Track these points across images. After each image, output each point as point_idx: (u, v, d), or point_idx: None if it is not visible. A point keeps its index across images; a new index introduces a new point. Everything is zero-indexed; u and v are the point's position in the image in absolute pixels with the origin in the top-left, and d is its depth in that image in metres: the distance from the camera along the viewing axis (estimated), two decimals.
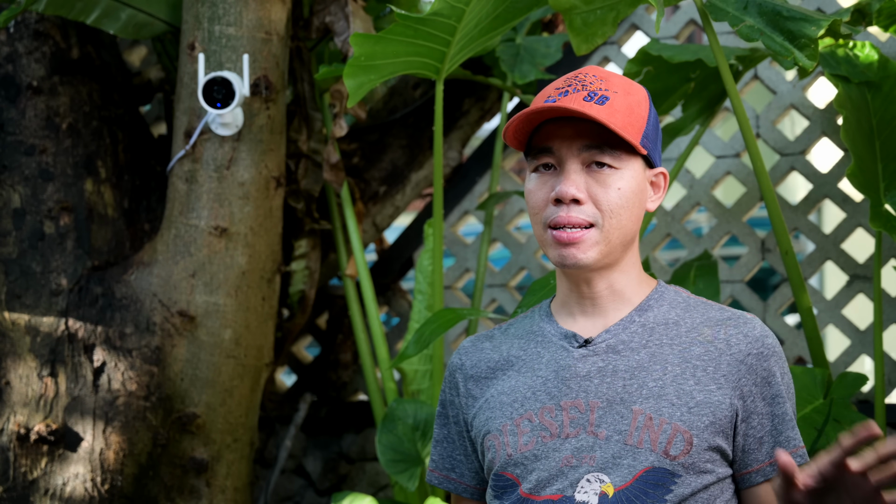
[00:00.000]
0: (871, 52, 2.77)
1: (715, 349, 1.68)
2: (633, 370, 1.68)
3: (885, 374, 2.99)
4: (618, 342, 1.70)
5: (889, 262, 3.14)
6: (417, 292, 3.06)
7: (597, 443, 1.65)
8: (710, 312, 1.73)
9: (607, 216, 1.68)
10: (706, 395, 1.65)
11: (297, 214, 3.20)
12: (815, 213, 5.03)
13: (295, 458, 3.59)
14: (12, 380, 2.86)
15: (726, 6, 2.48)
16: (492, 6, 2.62)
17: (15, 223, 2.93)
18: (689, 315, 1.73)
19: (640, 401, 1.65)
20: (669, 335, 1.70)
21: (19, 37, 3.00)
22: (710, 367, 1.67)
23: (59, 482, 2.81)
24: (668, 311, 1.73)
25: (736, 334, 1.69)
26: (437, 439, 1.86)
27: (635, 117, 1.69)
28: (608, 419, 1.66)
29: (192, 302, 2.87)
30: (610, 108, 1.66)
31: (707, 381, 1.66)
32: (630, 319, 1.72)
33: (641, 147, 1.69)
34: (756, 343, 1.69)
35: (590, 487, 1.64)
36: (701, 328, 1.70)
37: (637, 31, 3.49)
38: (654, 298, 1.74)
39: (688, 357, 1.68)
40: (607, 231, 1.68)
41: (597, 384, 1.68)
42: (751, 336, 1.69)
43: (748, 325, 1.70)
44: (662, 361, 1.68)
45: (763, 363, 1.68)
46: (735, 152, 3.33)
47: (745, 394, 1.67)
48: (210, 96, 2.78)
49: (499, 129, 3.38)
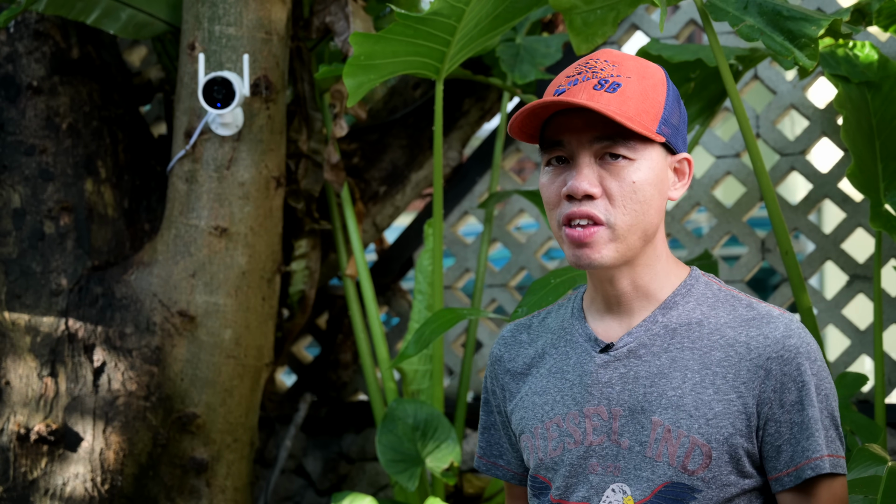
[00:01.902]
0: (871, 52, 2.77)
1: (735, 353, 1.60)
2: (654, 377, 1.61)
3: (885, 374, 2.99)
4: (639, 346, 1.63)
5: (889, 262, 3.13)
6: (417, 292, 3.06)
7: (620, 452, 1.61)
8: (737, 310, 1.63)
9: (621, 211, 1.59)
10: (725, 406, 1.58)
11: (297, 214, 3.20)
12: (815, 213, 5.03)
13: (295, 458, 3.59)
14: (12, 380, 2.86)
15: (726, 6, 2.48)
16: (492, 6, 2.62)
17: (15, 223, 2.93)
18: (715, 313, 1.63)
19: (660, 411, 1.59)
20: (691, 337, 1.62)
21: (19, 37, 3.00)
22: (729, 373, 1.59)
23: (59, 482, 2.81)
24: (693, 308, 1.64)
25: (756, 336, 1.60)
26: (483, 426, 1.82)
27: (651, 102, 1.60)
28: (630, 428, 1.61)
29: (192, 302, 2.87)
30: (621, 96, 1.58)
31: (727, 390, 1.59)
32: (653, 320, 1.64)
33: (658, 135, 1.59)
34: (776, 346, 1.59)
35: (614, 498, 1.61)
36: (724, 329, 1.61)
37: (637, 31, 3.49)
38: (682, 294, 1.65)
39: (708, 363, 1.60)
40: (622, 228, 1.59)
41: (618, 391, 1.63)
42: (771, 338, 1.59)
43: (770, 326, 1.60)
44: (682, 367, 1.60)
45: (784, 367, 1.58)
46: (735, 152, 3.33)
47: (764, 400, 1.58)
48: (210, 96, 2.78)
49: (499, 129, 3.38)
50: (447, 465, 2.78)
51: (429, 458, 2.81)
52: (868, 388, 3.10)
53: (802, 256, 3.35)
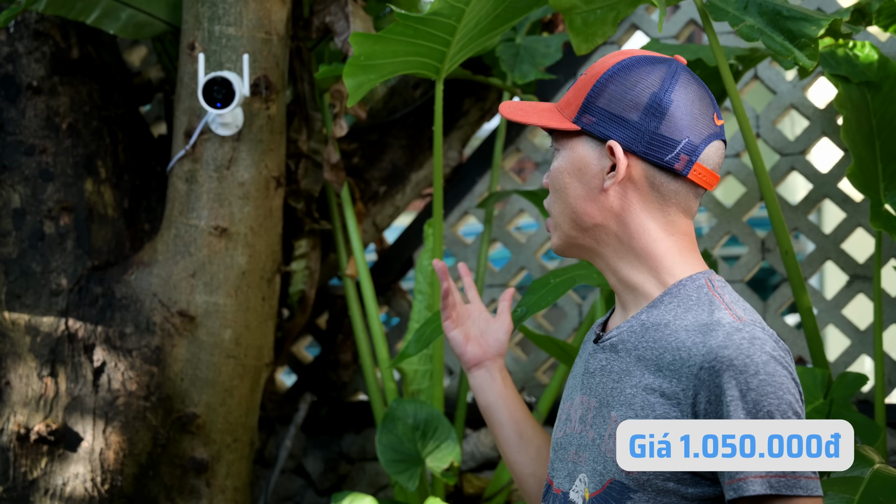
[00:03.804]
0: (871, 52, 2.77)
1: (679, 359, 1.54)
2: (622, 373, 1.61)
3: (885, 374, 2.99)
4: (618, 341, 1.64)
5: (889, 262, 3.13)
6: (417, 292, 3.06)
7: (588, 443, 1.64)
8: (701, 314, 1.57)
9: (551, 199, 1.69)
10: (666, 410, 1.54)
11: (297, 214, 3.20)
12: (815, 213, 5.03)
13: (295, 458, 3.59)
14: (12, 380, 2.86)
15: (726, 6, 2.48)
16: (492, 6, 2.62)
17: (15, 223, 2.93)
18: (685, 315, 1.58)
19: (617, 406, 1.59)
20: (655, 337, 1.58)
21: (19, 37, 3.00)
22: (674, 378, 1.54)
23: (59, 482, 2.81)
24: (672, 308, 1.59)
25: (698, 343, 1.53)
26: None
27: (578, 93, 1.64)
28: (597, 421, 1.63)
29: (192, 302, 2.87)
30: (567, 92, 1.68)
31: (671, 395, 1.54)
32: (637, 317, 1.63)
33: (573, 124, 1.63)
34: (709, 355, 1.50)
35: (581, 488, 1.63)
36: (680, 332, 1.56)
37: (637, 31, 3.49)
38: (671, 293, 1.61)
39: (661, 365, 1.56)
40: (554, 215, 1.69)
41: (597, 382, 1.65)
42: (707, 347, 1.51)
43: (713, 334, 1.52)
44: (643, 367, 1.58)
45: (715, 378, 1.50)
46: (735, 152, 3.33)
47: (698, 411, 1.52)
48: (210, 96, 2.78)
49: (499, 129, 3.38)
50: (447, 465, 2.78)
51: (429, 458, 2.81)
52: (868, 388, 3.10)
53: (802, 256, 3.35)
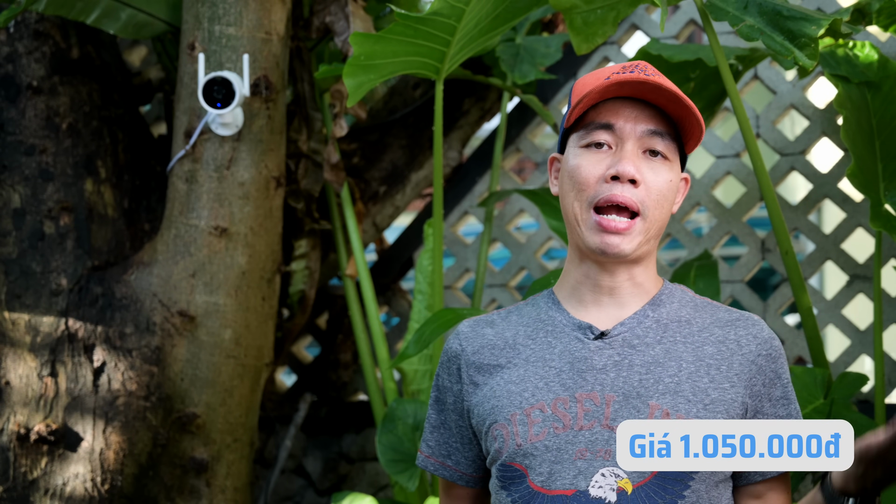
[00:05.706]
0: (871, 52, 2.77)
1: (727, 349, 1.69)
2: (649, 365, 1.67)
3: (885, 374, 2.99)
4: (633, 336, 1.69)
5: (889, 262, 3.14)
6: (417, 292, 3.06)
7: (612, 437, 1.63)
8: (718, 313, 1.73)
9: (653, 205, 1.67)
10: (720, 394, 1.65)
11: (297, 214, 3.20)
12: (815, 213, 5.03)
13: (295, 458, 3.59)
14: (12, 380, 2.86)
15: (726, 6, 2.48)
16: (492, 6, 2.62)
17: (15, 223, 2.93)
18: (700, 315, 1.73)
19: (657, 396, 1.64)
20: (682, 333, 1.70)
21: (19, 37, 3.00)
22: (723, 365, 1.67)
23: (59, 482, 2.81)
24: (679, 308, 1.73)
25: (746, 335, 1.70)
26: (433, 425, 1.83)
27: (699, 122, 1.72)
28: (624, 413, 1.64)
29: (192, 302, 2.87)
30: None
31: (721, 380, 1.66)
32: (644, 314, 1.71)
33: (691, 147, 1.74)
34: (765, 345, 1.71)
35: (605, 482, 1.63)
36: (712, 328, 1.71)
37: (637, 31, 3.50)
38: (666, 294, 1.74)
39: (701, 355, 1.68)
40: (650, 221, 1.68)
41: (612, 378, 1.66)
42: (760, 338, 1.71)
43: (756, 327, 1.72)
44: (677, 358, 1.68)
45: (771, 364, 1.70)
46: (735, 152, 3.33)
47: (755, 393, 1.68)
48: (210, 96, 2.78)
49: (499, 129, 3.39)
50: None
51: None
52: (868, 388, 3.10)
53: (802, 256, 3.35)
